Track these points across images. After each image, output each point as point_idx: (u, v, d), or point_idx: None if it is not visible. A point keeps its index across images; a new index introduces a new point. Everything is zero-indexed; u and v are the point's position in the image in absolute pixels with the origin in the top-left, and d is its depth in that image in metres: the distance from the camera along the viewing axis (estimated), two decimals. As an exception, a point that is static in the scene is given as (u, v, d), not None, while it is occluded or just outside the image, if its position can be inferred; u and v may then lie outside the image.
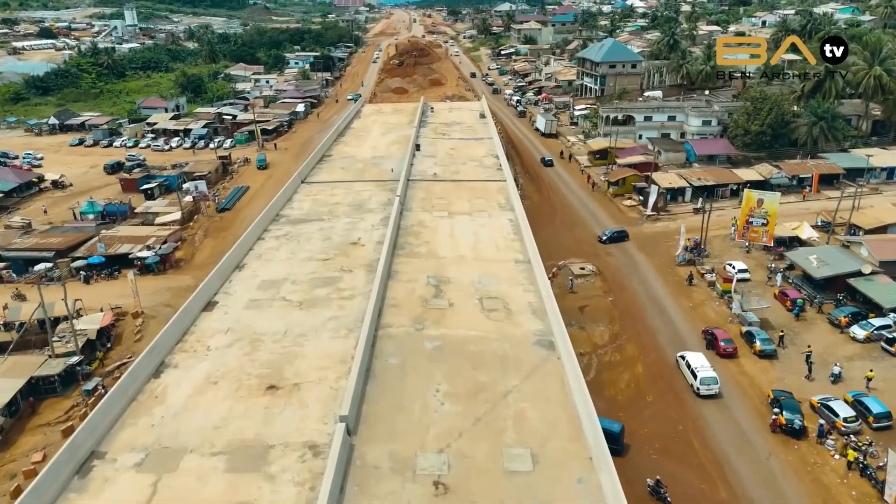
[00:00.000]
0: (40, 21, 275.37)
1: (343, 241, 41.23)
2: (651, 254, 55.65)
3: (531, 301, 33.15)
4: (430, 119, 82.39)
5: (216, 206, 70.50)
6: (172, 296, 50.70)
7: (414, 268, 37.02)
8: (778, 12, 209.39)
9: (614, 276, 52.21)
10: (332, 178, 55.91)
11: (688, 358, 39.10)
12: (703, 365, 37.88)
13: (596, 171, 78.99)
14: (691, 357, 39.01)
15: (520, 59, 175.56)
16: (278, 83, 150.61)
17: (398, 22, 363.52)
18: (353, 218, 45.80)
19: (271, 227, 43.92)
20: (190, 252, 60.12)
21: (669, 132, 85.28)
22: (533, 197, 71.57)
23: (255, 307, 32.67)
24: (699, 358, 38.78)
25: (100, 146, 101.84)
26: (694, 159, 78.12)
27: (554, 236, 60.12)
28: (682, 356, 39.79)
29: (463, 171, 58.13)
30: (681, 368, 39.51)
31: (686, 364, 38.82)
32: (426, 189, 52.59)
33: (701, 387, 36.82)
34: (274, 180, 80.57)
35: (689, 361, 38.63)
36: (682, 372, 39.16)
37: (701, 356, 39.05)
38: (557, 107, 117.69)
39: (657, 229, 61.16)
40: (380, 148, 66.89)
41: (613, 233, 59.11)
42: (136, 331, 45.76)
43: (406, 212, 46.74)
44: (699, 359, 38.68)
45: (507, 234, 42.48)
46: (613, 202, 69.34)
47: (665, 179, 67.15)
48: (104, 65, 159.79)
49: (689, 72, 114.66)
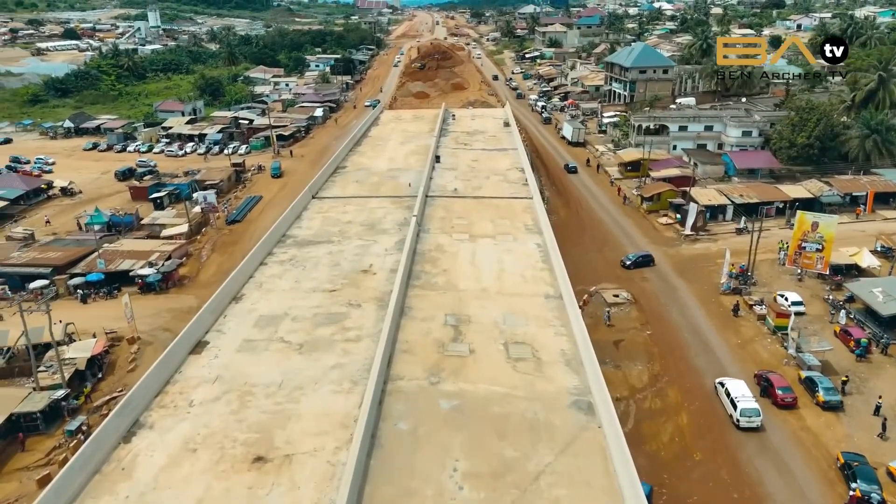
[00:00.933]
0: (66, 22, 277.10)
1: (353, 269, 37.26)
2: (691, 280, 50.86)
3: (564, 348, 28.83)
4: (452, 127, 78.34)
5: (226, 218, 67.09)
6: (173, 318, 47.17)
7: (430, 303, 32.91)
8: (814, 15, 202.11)
9: (651, 304, 47.55)
10: (344, 194, 52.09)
11: (727, 385, 35.78)
12: (744, 394, 34.63)
13: (627, 183, 74.21)
14: (732, 385, 35.68)
15: (544, 62, 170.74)
16: (298, 86, 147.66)
17: (421, 24, 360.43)
18: (365, 240, 41.85)
19: (276, 251, 40.14)
20: (195, 268, 56.69)
21: (706, 143, 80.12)
22: (560, 212, 67.05)
23: (250, 349, 28.79)
24: (740, 386, 35.49)
25: (113, 151, 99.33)
26: (733, 173, 72.95)
27: (583, 257, 55.60)
28: (722, 383, 36.50)
29: (486, 186, 53.96)
30: (719, 396, 36.28)
31: (725, 392, 35.55)
32: (446, 207, 48.49)
33: (741, 418, 33.70)
34: (288, 190, 77.09)
35: (729, 389, 35.35)
36: (720, 399, 35.94)
37: (742, 384, 35.72)
38: (584, 113, 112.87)
39: (696, 251, 56.30)
40: (397, 159, 62.96)
41: (638, 257, 54.12)
42: (131, 359, 42.26)
43: (423, 233, 42.69)
44: (740, 387, 35.38)
45: (535, 263, 38.19)
46: (647, 219, 64.53)
47: (704, 196, 62.19)
48: (124, 66, 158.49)
49: (724, 77, 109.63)
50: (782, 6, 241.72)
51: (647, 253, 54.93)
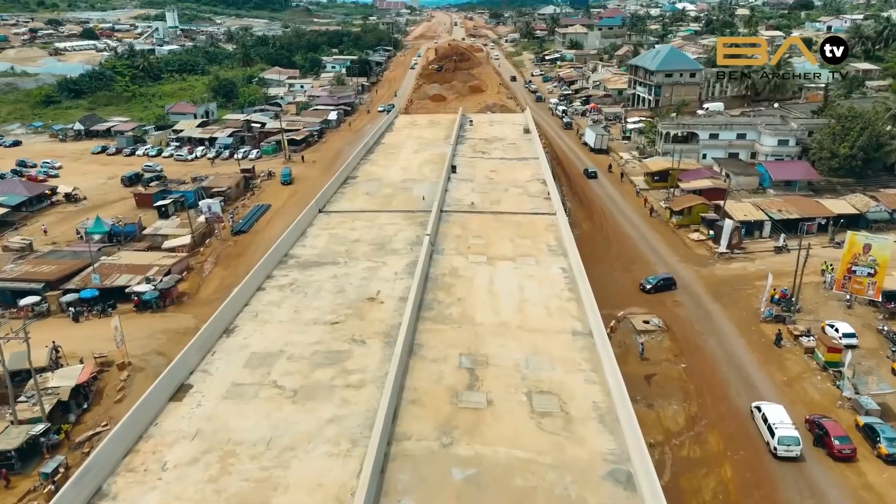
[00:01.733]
0: (85, 22, 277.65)
1: (358, 296, 33.78)
2: (728, 304, 46.73)
3: (597, 399, 25.11)
4: (469, 134, 74.75)
5: (231, 229, 64.00)
6: (168, 340, 44.09)
7: (443, 340, 29.32)
8: (844, 17, 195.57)
9: (685, 332, 43.52)
10: (353, 207, 48.69)
11: (764, 411, 33.29)
12: (782, 421, 32.27)
13: (654, 194, 70.04)
14: (770, 410, 33.21)
15: (565, 64, 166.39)
16: (313, 88, 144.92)
17: (439, 25, 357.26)
18: (373, 261, 38.37)
19: (276, 273, 36.79)
20: (196, 284, 53.59)
21: (738, 152, 75.68)
22: (583, 225, 63.13)
23: (237, 396, 25.40)
24: (778, 412, 33.07)
25: (122, 155, 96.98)
26: (768, 184, 68.49)
27: (609, 276, 51.66)
28: (758, 407, 33.98)
29: (505, 200, 50.28)
30: (755, 421, 33.78)
31: (762, 418, 33.04)
32: (462, 224, 44.89)
33: (779, 447, 31.29)
34: (298, 198, 73.97)
35: (767, 415, 32.88)
36: (757, 425, 33.50)
37: (781, 409, 33.32)
38: (607, 118, 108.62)
39: (732, 271, 52.10)
40: (411, 169, 59.49)
41: (659, 280, 49.67)
42: (119, 387, 39.17)
43: (437, 255, 39.13)
44: (778, 412, 32.97)
45: (561, 291, 34.44)
46: (677, 234, 60.37)
47: (739, 210, 57.91)
48: (139, 67, 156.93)
49: (754, 81, 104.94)
50: (811, 7, 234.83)
51: (669, 276, 50.54)
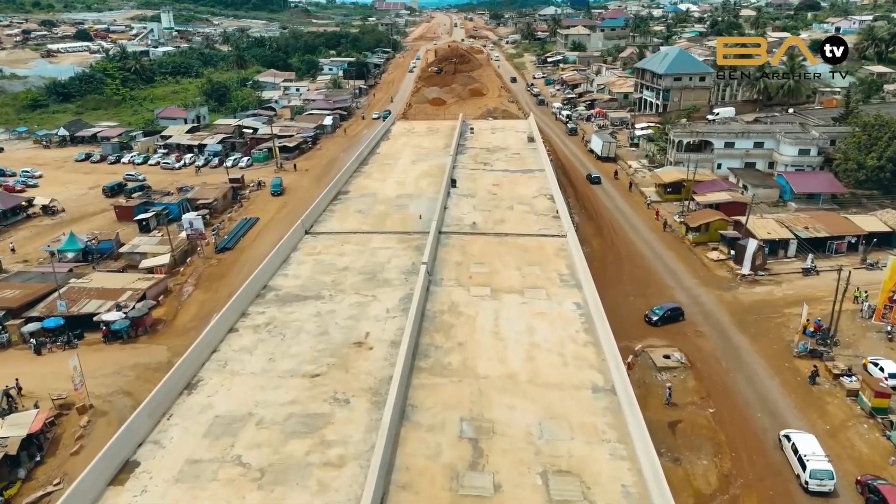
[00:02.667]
0: (80, 23, 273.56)
1: (344, 339, 29.47)
2: (756, 336, 42.38)
3: (626, 482, 20.81)
4: (470, 142, 70.48)
5: (215, 245, 59.64)
6: (137, 377, 39.76)
7: (441, 398, 25.03)
8: (853, 18, 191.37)
9: (711, 369, 39.18)
10: (343, 228, 44.39)
11: (794, 440, 30.48)
12: (814, 452, 29.51)
13: (667, 207, 65.76)
14: (800, 440, 30.40)
15: (568, 67, 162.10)
16: (309, 91, 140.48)
17: (439, 26, 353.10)
18: (363, 295, 34.08)
19: (251, 310, 32.48)
20: (173, 309, 49.18)
21: (755, 162, 71.39)
22: (593, 242, 58.74)
23: (192, 478, 21.07)
24: (810, 442, 30.24)
25: (107, 162, 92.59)
26: (790, 197, 64.19)
27: (623, 301, 47.29)
28: (787, 436, 31.14)
29: (509, 219, 46.00)
30: (784, 451, 30.86)
31: (792, 447, 30.21)
32: (462, 248, 40.61)
33: (811, 480, 28.62)
34: (288, 210, 69.70)
35: (797, 444, 30.09)
36: (786, 455, 30.58)
37: (812, 439, 30.46)
38: (613, 123, 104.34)
39: (758, 296, 47.75)
40: (408, 182, 55.22)
41: (666, 311, 44.57)
42: (77, 436, 34.85)
43: (434, 286, 34.84)
44: (810, 442, 30.15)
45: (576, 332, 30.15)
46: (694, 253, 56.03)
47: (762, 228, 53.57)
48: (131, 70, 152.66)
49: (766, 85, 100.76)
50: (817, 8, 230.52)
51: (676, 305, 45.54)
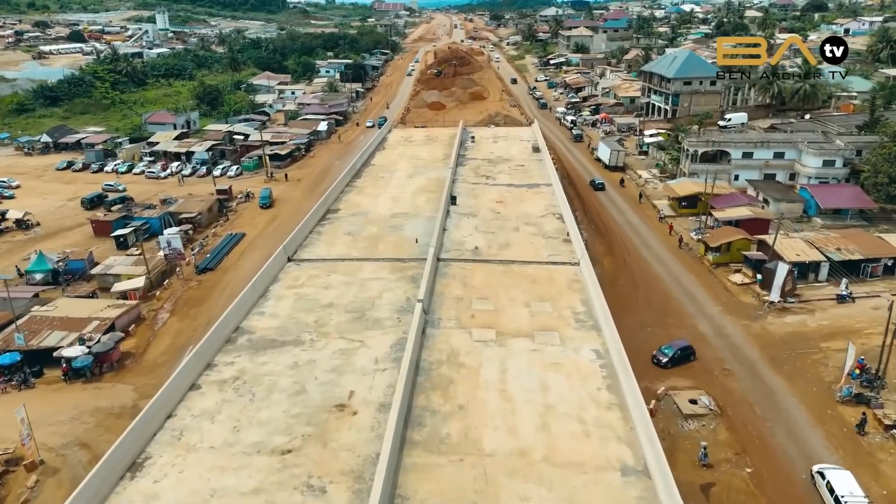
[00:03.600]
0: (75, 24, 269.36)
1: (324, 401, 25.05)
2: (792, 375, 37.93)
3: None
4: (471, 153, 66.08)
5: (196, 266, 55.20)
6: (97, 425, 35.31)
7: (437, 485, 20.61)
8: (863, 19, 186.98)
9: (744, 417, 34.72)
10: (330, 254, 39.98)
11: (829, 477, 28.25)
12: (852, 492, 27.26)
13: (683, 223, 61.40)
14: (835, 477, 28.13)
15: (571, 69, 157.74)
16: (305, 95, 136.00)
17: (438, 27, 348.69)
18: (349, 339, 29.66)
19: (219, 360, 28.04)
20: (145, 340, 44.71)
21: (775, 173, 67.01)
22: (604, 261, 54.26)
23: None
24: (846, 480, 27.92)
25: (89, 171, 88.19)
26: (814, 212, 59.83)
27: (639, 331, 42.83)
28: (821, 473, 28.80)
29: (515, 242, 41.59)
30: (818, 489, 28.44)
31: (827, 486, 27.95)
32: (463, 278, 36.19)
33: None
34: (277, 224, 65.29)
35: (832, 483, 27.85)
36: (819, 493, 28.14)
37: (850, 477, 28.20)
38: (620, 129, 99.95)
39: (789, 327, 43.28)
40: (403, 199, 50.82)
41: (676, 352, 39.39)
42: (23, 500, 30.42)
43: (431, 328, 30.41)
44: (846, 481, 27.83)
45: (597, 390, 25.73)
46: (714, 275, 51.58)
47: (790, 249, 49.14)
48: (122, 72, 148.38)
49: (780, 90, 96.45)
50: (825, 9, 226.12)
51: (687, 344, 40.23)
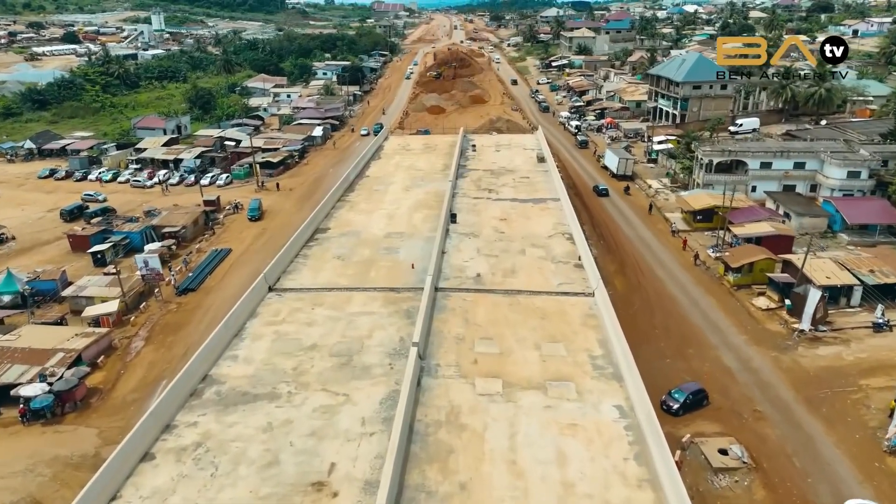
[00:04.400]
0: (70, 25, 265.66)
1: (299, 477, 21.10)
2: (831, 418, 34.04)
3: None
4: (472, 162, 62.18)
5: (176, 287, 51.21)
6: (53, 477, 31.41)
7: None
8: (871, 20, 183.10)
9: (782, 471, 30.79)
10: (316, 282, 36.02)
11: None
12: None
13: (696, 237, 57.56)
14: None
15: (574, 72, 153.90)
16: (301, 98, 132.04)
17: (438, 27, 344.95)
18: (333, 393, 25.72)
19: (179, 419, 24.08)
20: (114, 373, 40.74)
21: (795, 184, 63.12)
22: (616, 281, 50.31)
23: None
24: None
25: (73, 179, 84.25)
26: (840, 228, 55.95)
27: (659, 363, 38.95)
28: None
29: (522, 268, 37.65)
30: None
31: None
32: (464, 312, 32.26)
33: None
34: (266, 240, 61.41)
35: None
36: None
37: None
38: (627, 135, 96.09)
39: (823, 360, 39.36)
40: (399, 216, 46.89)
41: (687, 397, 34.66)
42: (-43, 574, 26.64)
43: (428, 377, 26.48)
44: None
45: (623, 461, 21.77)
46: (736, 298, 47.65)
47: (820, 270, 45.22)
48: (114, 74, 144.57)
49: (793, 94, 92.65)
50: (831, 10, 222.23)
51: (700, 387, 35.93)
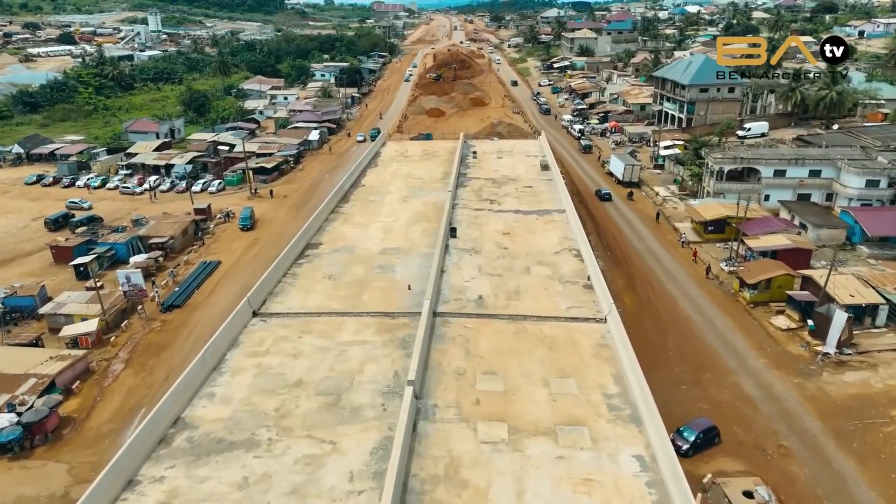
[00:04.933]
0: (67, 26, 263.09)
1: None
2: (863, 455, 31.33)
3: None
4: (473, 170, 59.48)
5: (160, 303, 48.51)
6: (16, 522, 28.83)
7: None
8: (878, 21, 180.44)
9: (812, 517, 28.23)
10: (305, 306, 33.26)
11: None
12: None
13: (708, 249, 54.89)
14: None
15: (576, 73, 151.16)
16: (298, 100, 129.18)
17: (438, 28, 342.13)
18: (318, 441, 22.97)
19: (144, 474, 21.32)
20: (90, 400, 38.03)
21: (810, 193, 60.43)
22: (625, 298, 47.60)
23: None
24: None
25: (60, 185, 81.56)
26: (859, 240, 53.26)
27: (674, 391, 36.29)
28: None
29: (527, 289, 34.92)
30: None
31: None
32: (465, 342, 29.53)
33: None
34: (257, 251, 58.78)
35: None
36: None
37: None
38: (632, 139, 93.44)
39: (850, 387, 36.64)
40: (396, 229, 44.16)
41: (699, 435, 31.83)
42: None
43: (425, 422, 23.76)
44: None
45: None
46: (752, 316, 44.93)
47: (843, 288, 42.50)
48: (108, 76, 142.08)
49: (803, 97, 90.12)
50: (835, 10, 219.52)
51: (711, 425, 32.89)
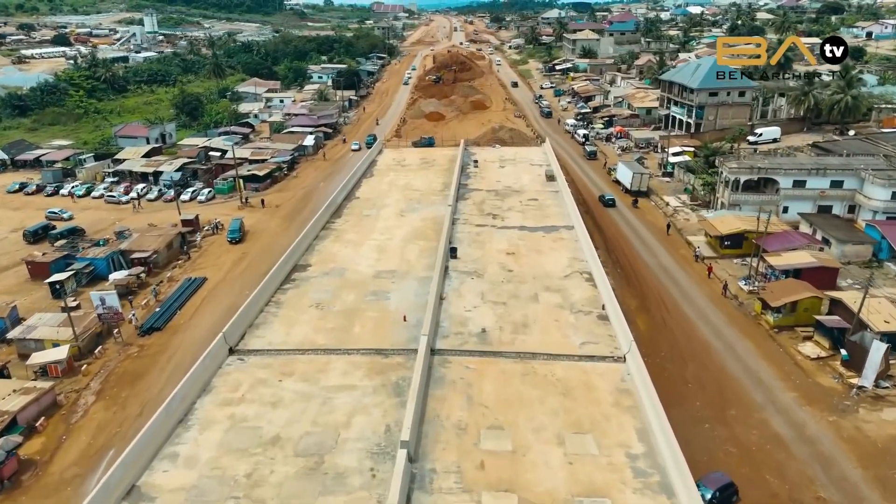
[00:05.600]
0: (62, 27, 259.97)
1: None
2: (912, 510, 28.10)
3: None
4: (474, 181, 56.13)
5: (138, 326, 45.14)
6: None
7: None
8: (886, 22, 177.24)
9: (861, 587, 24.92)
10: (288, 341, 29.86)
11: None
12: None
13: (724, 265, 51.58)
14: None
15: (579, 76, 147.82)
16: (294, 103, 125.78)
17: (438, 29, 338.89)
18: (296, 513, 19.66)
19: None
20: (55, 439, 34.63)
21: (831, 205, 57.12)
22: (638, 320, 44.11)
23: None
24: None
25: (44, 193, 78.13)
26: (886, 256, 49.94)
27: (696, 430, 32.92)
28: None
29: (535, 320, 31.54)
30: None
31: None
32: (466, 386, 26.16)
33: None
34: (245, 266, 55.40)
35: None
36: None
37: None
38: (638, 145, 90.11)
39: (893, 427, 33.29)
40: (391, 249, 40.79)
41: (715, 493, 27.96)
42: None
43: (421, 492, 20.36)
44: None
45: None
46: (777, 342, 41.61)
47: (876, 313, 39.20)
48: (101, 78, 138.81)
49: (817, 101, 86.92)
50: (840, 11, 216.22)
51: (729, 481, 28.91)
